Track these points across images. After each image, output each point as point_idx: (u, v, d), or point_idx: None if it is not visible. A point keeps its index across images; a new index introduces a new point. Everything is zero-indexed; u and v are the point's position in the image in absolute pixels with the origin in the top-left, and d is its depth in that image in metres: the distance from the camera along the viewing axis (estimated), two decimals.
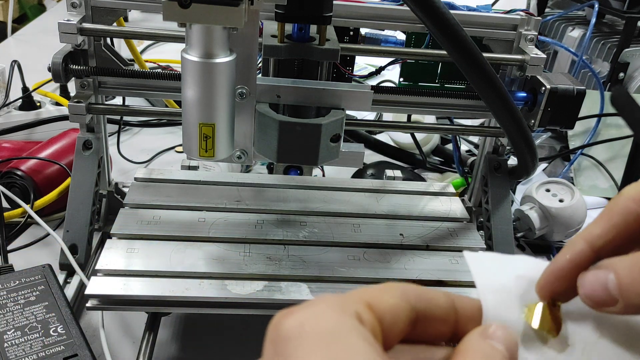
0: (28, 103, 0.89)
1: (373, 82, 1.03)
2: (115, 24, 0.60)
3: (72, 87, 0.64)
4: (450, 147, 0.90)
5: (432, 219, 0.65)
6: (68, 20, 0.55)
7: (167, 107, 0.91)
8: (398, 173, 0.74)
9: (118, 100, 0.87)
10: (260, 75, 0.53)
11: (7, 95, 0.90)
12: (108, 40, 0.64)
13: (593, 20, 0.93)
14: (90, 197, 0.61)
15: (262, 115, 0.48)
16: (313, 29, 0.53)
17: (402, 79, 0.70)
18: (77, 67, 0.58)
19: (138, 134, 0.99)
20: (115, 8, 0.58)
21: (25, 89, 0.90)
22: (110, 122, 0.82)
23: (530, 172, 0.63)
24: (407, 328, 0.22)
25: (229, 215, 0.61)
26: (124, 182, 0.72)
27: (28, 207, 0.67)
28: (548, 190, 0.74)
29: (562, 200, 0.73)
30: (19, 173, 0.71)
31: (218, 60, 0.42)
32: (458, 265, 0.57)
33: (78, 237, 0.60)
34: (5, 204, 0.68)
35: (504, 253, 0.27)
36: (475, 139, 0.95)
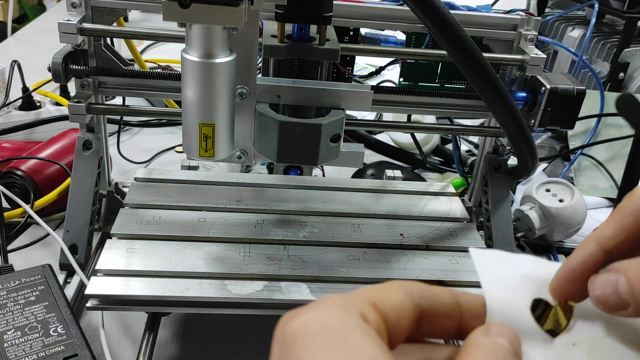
0: (28, 103, 0.89)
1: (373, 82, 1.03)
2: (115, 24, 0.60)
3: (72, 87, 0.64)
4: (450, 147, 0.90)
5: (432, 219, 0.65)
6: (68, 20, 0.55)
7: (167, 107, 0.91)
8: (398, 173, 0.74)
9: (118, 100, 0.87)
10: (260, 75, 0.53)
11: (7, 95, 0.90)
12: (108, 40, 0.64)
13: (593, 20, 0.93)
14: (90, 197, 0.61)
15: (262, 115, 0.48)
16: (313, 29, 0.53)
17: (402, 79, 0.70)
18: (77, 67, 0.58)
19: (138, 134, 0.99)
20: (115, 8, 0.58)
21: (25, 89, 0.90)
22: (110, 122, 0.82)
23: (530, 172, 0.63)
24: (412, 326, 0.23)
25: (229, 215, 0.61)
26: (124, 182, 0.72)
27: (28, 207, 0.67)
28: (548, 190, 0.74)
29: (562, 200, 0.73)
30: (19, 173, 0.71)
31: (218, 60, 0.42)
32: (458, 265, 0.57)
33: (78, 237, 0.60)
34: (5, 204, 0.68)
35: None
36: (475, 139, 0.95)
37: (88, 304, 0.50)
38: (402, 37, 0.79)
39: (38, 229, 0.70)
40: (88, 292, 0.49)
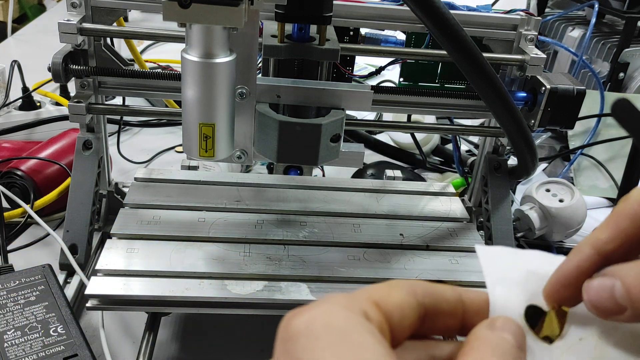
0: (28, 103, 0.89)
1: (373, 82, 1.03)
2: (115, 24, 0.60)
3: (72, 87, 0.64)
4: (450, 147, 0.90)
5: (432, 219, 0.65)
6: (68, 20, 0.55)
7: (167, 107, 0.91)
8: (398, 173, 0.74)
9: (118, 100, 0.87)
10: (260, 75, 0.53)
11: (7, 95, 0.90)
12: (108, 40, 0.64)
13: (593, 20, 0.93)
14: (90, 197, 0.61)
15: (262, 115, 0.48)
16: (313, 29, 0.53)
17: (402, 79, 0.70)
18: (77, 67, 0.58)
19: (138, 134, 0.99)
20: (115, 8, 0.58)
21: (25, 89, 0.90)
22: (110, 122, 0.82)
23: (530, 172, 0.63)
24: (415, 324, 0.23)
25: (229, 215, 0.61)
26: (124, 182, 0.72)
27: (28, 207, 0.67)
28: (548, 190, 0.74)
29: (562, 200, 0.73)
30: (19, 173, 0.71)
31: (218, 60, 0.42)
32: (458, 265, 0.57)
33: (78, 237, 0.60)
34: (5, 204, 0.68)
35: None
36: (475, 139, 0.95)
37: (88, 304, 0.50)
38: (402, 37, 0.79)
39: (38, 229, 0.70)
40: (88, 292, 0.49)
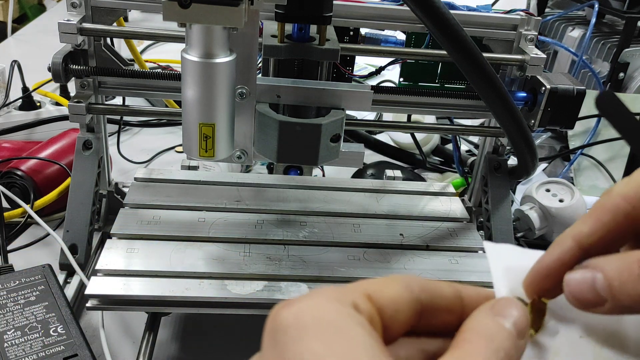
0: (28, 103, 0.89)
1: (373, 82, 1.03)
2: (115, 24, 0.60)
3: (72, 87, 0.64)
4: (450, 147, 0.90)
5: (432, 219, 0.65)
6: (68, 20, 0.55)
7: (167, 107, 0.91)
8: (398, 173, 0.74)
9: (118, 100, 0.87)
10: (260, 75, 0.53)
11: (7, 95, 0.90)
12: (108, 40, 0.64)
13: (593, 20, 0.93)
14: (90, 197, 0.61)
15: (262, 115, 0.48)
16: (313, 29, 0.52)
17: (402, 79, 0.70)
18: (77, 67, 0.58)
19: (138, 134, 0.99)
20: (115, 8, 0.58)
21: (25, 89, 0.90)
22: (110, 122, 0.82)
23: (530, 172, 0.63)
24: (411, 319, 0.22)
25: (229, 215, 0.61)
26: (124, 182, 0.72)
27: (28, 207, 0.67)
28: (548, 190, 0.74)
29: (562, 200, 0.73)
30: (19, 173, 0.71)
31: (218, 60, 0.42)
32: (458, 265, 0.57)
33: (78, 237, 0.60)
34: (5, 204, 0.68)
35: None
36: (475, 139, 0.95)
37: (88, 304, 0.50)
38: (402, 37, 0.79)
39: (38, 229, 0.70)
40: (88, 292, 0.49)
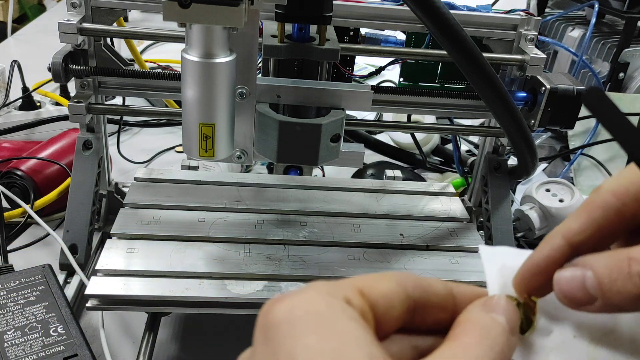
0: (28, 103, 0.89)
1: (373, 82, 1.03)
2: (115, 24, 0.60)
3: (72, 87, 0.64)
4: (450, 147, 0.90)
5: (432, 219, 0.65)
6: (68, 20, 0.55)
7: (167, 107, 0.91)
8: (398, 173, 0.74)
9: (118, 100, 0.87)
10: (260, 75, 0.53)
11: (7, 95, 0.90)
12: (108, 40, 0.64)
13: (593, 20, 0.93)
14: (90, 197, 0.61)
15: (262, 115, 0.48)
16: (313, 29, 0.52)
17: (402, 79, 0.70)
18: (77, 67, 0.58)
19: (138, 134, 0.99)
20: (115, 8, 0.58)
21: (25, 89, 0.90)
22: (110, 122, 0.82)
23: (530, 172, 0.63)
24: (403, 316, 0.22)
25: (229, 215, 0.61)
26: (124, 182, 0.72)
27: (28, 207, 0.67)
28: (548, 190, 0.74)
29: (562, 200, 0.73)
30: (19, 173, 0.71)
31: (218, 60, 0.42)
32: (458, 265, 0.57)
33: (78, 237, 0.60)
34: (5, 204, 0.68)
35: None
36: (475, 139, 0.95)
37: (88, 304, 0.50)
38: (402, 37, 0.79)
39: (38, 229, 0.70)
40: (88, 292, 0.49)
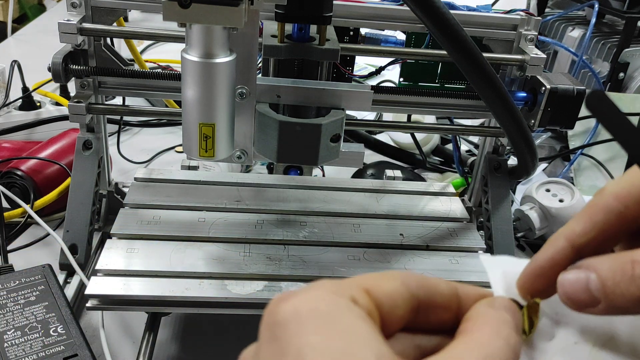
0: (28, 103, 0.89)
1: (373, 82, 1.03)
2: (115, 24, 0.60)
3: (72, 87, 0.64)
4: (450, 147, 0.90)
5: (432, 219, 0.65)
6: (68, 20, 0.55)
7: (167, 107, 0.91)
8: (398, 173, 0.74)
9: (118, 100, 0.87)
10: (260, 75, 0.53)
11: (7, 95, 0.90)
12: (108, 40, 0.64)
13: (593, 20, 0.93)
14: (90, 197, 0.61)
15: (262, 115, 0.48)
16: (313, 29, 0.53)
17: (402, 79, 0.70)
18: (77, 67, 0.58)
19: (138, 134, 0.99)
20: (115, 8, 0.58)
21: (25, 89, 0.90)
22: (110, 122, 0.82)
23: (530, 172, 0.63)
24: (407, 315, 0.22)
25: (229, 215, 0.61)
26: (124, 182, 0.72)
27: (28, 207, 0.67)
28: (548, 190, 0.74)
29: (562, 200, 0.73)
30: (19, 173, 0.71)
31: (218, 60, 0.42)
32: (458, 265, 0.57)
33: (78, 237, 0.60)
34: (5, 204, 0.68)
35: (505, 254, 0.27)
36: (475, 139, 0.95)
37: (88, 304, 0.50)
38: (402, 37, 0.79)
39: (38, 229, 0.70)
40: (88, 292, 0.49)
